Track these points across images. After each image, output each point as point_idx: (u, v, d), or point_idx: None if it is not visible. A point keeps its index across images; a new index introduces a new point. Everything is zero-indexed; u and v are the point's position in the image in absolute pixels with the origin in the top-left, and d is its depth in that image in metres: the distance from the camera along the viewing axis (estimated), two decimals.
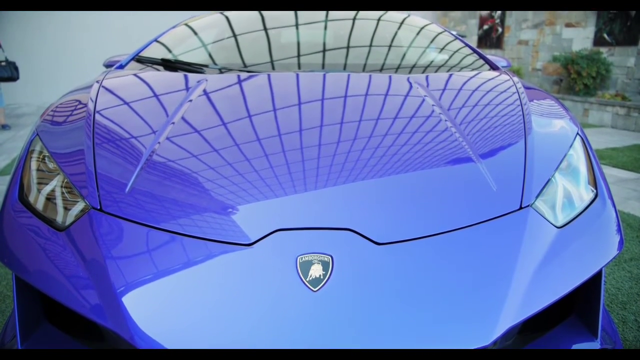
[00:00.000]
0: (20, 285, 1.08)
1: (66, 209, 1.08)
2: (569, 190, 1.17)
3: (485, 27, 10.23)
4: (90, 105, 1.39)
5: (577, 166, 1.25)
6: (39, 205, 1.12)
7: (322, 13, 2.39)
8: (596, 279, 1.11)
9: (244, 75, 1.67)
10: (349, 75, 1.68)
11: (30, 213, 1.10)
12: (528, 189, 1.11)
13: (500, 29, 9.85)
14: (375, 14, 2.46)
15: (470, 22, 10.67)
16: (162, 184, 1.09)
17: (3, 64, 5.71)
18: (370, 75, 1.69)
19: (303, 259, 0.93)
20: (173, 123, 1.30)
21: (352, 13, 2.44)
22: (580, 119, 7.49)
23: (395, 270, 0.92)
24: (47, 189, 1.14)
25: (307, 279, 0.90)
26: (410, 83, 1.60)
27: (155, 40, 2.17)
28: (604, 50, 7.72)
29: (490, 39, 10.14)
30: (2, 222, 1.13)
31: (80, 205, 1.07)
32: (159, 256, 0.94)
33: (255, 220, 1.00)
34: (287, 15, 2.36)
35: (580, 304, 1.14)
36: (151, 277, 0.92)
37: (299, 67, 1.90)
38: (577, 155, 1.28)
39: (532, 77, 9.08)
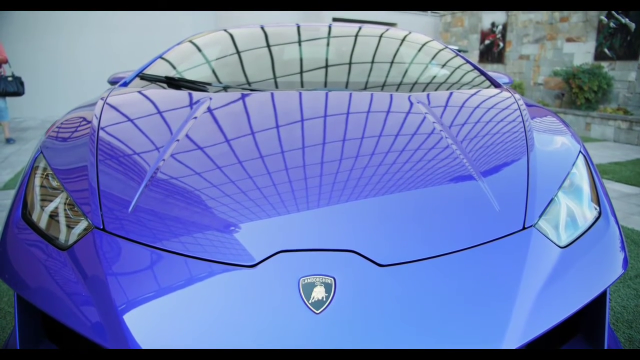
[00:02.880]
0: (21, 302, 1.07)
1: (69, 227, 1.08)
2: (572, 210, 1.17)
3: (487, 42, 10.31)
4: (95, 122, 1.40)
5: (580, 184, 1.25)
6: (42, 223, 1.12)
7: (325, 29, 2.41)
8: (601, 297, 1.10)
9: (247, 93, 1.68)
10: (350, 93, 1.68)
11: (33, 231, 1.11)
12: (531, 208, 1.11)
13: (501, 44, 9.93)
14: (377, 30, 2.48)
15: (471, 37, 10.76)
16: (165, 203, 1.08)
17: (9, 79, 5.79)
18: (371, 94, 1.70)
19: (305, 281, 0.92)
20: (177, 140, 1.30)
21: (354, 30, 2.46)
22: (583, 133, 7.50)
23: (398, 293, 0.92)
24: (51, 207, 1.14)
25: (310, 301, 0.89)
26: (411, 101, 1.60)
27: (160, 57, 2.19)
28: (605, 64, 7.76)
29: (491, 53, 10.21)
30: (5, 240, 1.13)
31: (83, 224, 1.07)
32: (161, 277, 0.94)
33: (258, 241, 1.00)
34: (290, 32, 2.38)
35: (586, 323, 1.13)
36: (153, 298, 0.91)
37: (302, 85, 1.92)
38: (580, 174, 1.28)
39: (534, 91, 9.12)
